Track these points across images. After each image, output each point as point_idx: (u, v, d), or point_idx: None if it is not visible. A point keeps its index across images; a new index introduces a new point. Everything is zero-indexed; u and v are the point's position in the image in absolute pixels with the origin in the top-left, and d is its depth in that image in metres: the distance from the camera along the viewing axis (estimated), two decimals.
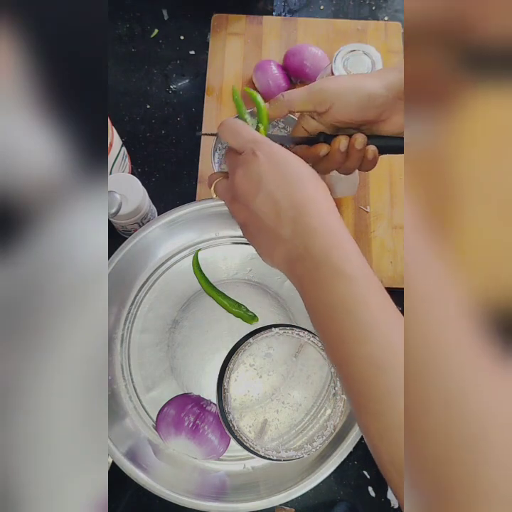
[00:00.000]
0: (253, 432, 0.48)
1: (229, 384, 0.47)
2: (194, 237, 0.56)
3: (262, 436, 0.48)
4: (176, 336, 0.55)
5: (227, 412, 0.46)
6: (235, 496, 0.47)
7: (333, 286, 0.32)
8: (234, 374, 0.48)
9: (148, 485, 0.45)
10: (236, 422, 0.46)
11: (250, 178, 0.37)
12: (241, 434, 0.46)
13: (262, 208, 0.36)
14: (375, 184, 0.65)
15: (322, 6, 0.76)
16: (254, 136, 0.39)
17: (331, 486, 0.54)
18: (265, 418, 0.49)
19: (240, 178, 0.37)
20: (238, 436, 0.46)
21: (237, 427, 0.46)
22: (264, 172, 0.36)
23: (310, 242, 0.34)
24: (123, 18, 0.74)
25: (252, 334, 0.48)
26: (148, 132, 0.68)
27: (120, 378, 0.53)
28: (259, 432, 0.48)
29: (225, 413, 0.46)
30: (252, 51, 0.71)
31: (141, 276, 0.55)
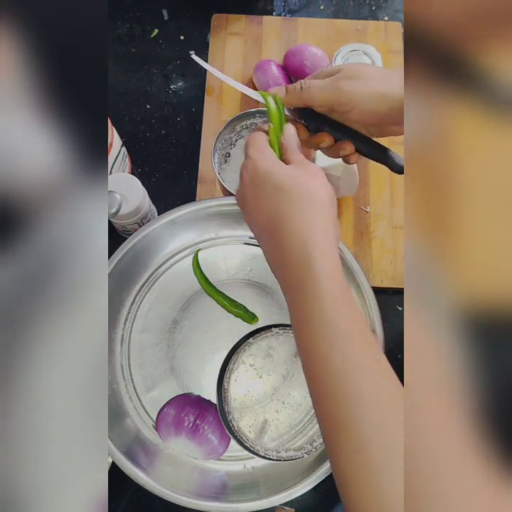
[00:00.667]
0: (253, 432, 0.48)
1: (229, 384, 0.47)
2: (194, 237, 0.56)
3: (262, 436, 0.48)
4: (176, 336, 0.55)
5: (227, 412, 0.46)
6: (235, 495, 0.48)
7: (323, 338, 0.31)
8: (234, 374, 0.48)
9: (148, 485, 0.45)
10: (236, 422, 0.46)
11: (245, 194, 0.37)
12: (241, 434, 0.46)
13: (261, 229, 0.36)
14: (375, 184, 0.65)
15: (322, 6, 0.76)
16: (255, 142, 0.38)
17: (331, 486, 0.54)
18: (265, 418, 0.49)
19: (240, 191, 0.38)
20: (238, 436, 0.46)
21: (237, 427, 0.46)
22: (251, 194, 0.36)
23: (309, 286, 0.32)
24: (123, 18, 0.74)
25: (252, 334, 0.48)
26: (148, 132, 0.68)
27: (120, 378, 0.53)
28: (259, 432, 0.48)
29: (225, 413, 0.46)
30: (252, 51, 0.71)
31: (141, 276, 0.55)
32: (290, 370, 0.50)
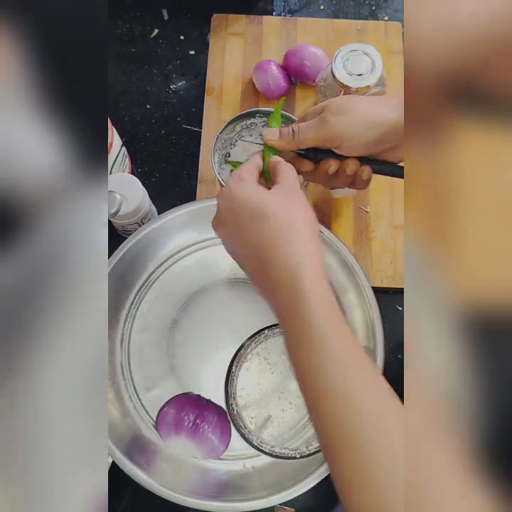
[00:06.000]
0: (254, 424, 0.48)
1: (239, 370, 0.47)
2: (194, 236, 0.56)
3: (261, 430, 0.48)
4: (176, 336, 0.55)
5: (230, 395, 0.46)
6: (234, 495, 0.48)
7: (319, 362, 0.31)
8: (247, 363, 0.48)
9: (149, 484, 0.46)
10: (239, 408, 0.46)
11: (224, 224, 0.37)
12: (239, 420, 0.46)
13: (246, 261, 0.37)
14: (375, 184, 0.65)
15: (322, 6, 0.76)
16: (230, 179, 0.38)
17: (331, 486, 0.54)
18: (269, 414, 0.49)
19: (217, 221, 0.38)
20: (236, 420, 0.46)
21: (237, 411, 0.46)
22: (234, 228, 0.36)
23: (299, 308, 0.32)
24: (123, 18, 0.74)
25: (270, 327, 0.49)
26: (148, 132, 0.68)
27: (120, 378, 0.53)
28: (260, 425, 0.48)
29: (227, 395, 0.46)
30: (252, 51, 0.71)
31: (141, 275, 0.55)
32: None
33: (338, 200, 0.64)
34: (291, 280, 0.32)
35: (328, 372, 0.30)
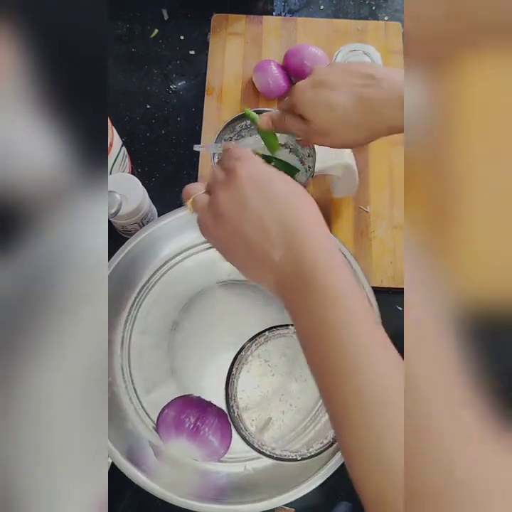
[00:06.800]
0: (255, 426, 0.48)
1: (240, 372, 0.47)
2: (195, 237, 0.56)
3: (262, 432, 0.48)
4: (177, 338, 0.55)
5: (231, 397, 0.46)
6: (235, 497, 0.47)
7: (326, 315, 0.30)
8: (247, 365, 0.47)
9: (149, 487, 0.45)
10: (239, 410, 0.46)
11: (234, 199, 0.34)
12: (240, 423, 0.46)
13: (248, 231, 0.33)
14: (375, 184, 0.65)
15: (322, 6, 0.76)
16: (241, 153, 0.36)
17: (331, 486, 0.54)
18: (270, 416, 0.49)
19: (223, 197, 0.35)
20: (236, 422, 0.45)
21: (238, 414, 0.46)
22: (248, 193, 0.34)
23: (304, 269, 0.31)
24: (123, 18, 0.74)
25: (269, 329, 0.48)
26: (148, 132, 0.68)
27: (120, 380, 0.53)
28: (261, 427, 0.48)
29: (228, 397, 0.46)
30: (252, 51, 0.71)
31: (142, 277, 0.55)
32: (303, 374, 0.50)
33: (338, 200, 0.64)
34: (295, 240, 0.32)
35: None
